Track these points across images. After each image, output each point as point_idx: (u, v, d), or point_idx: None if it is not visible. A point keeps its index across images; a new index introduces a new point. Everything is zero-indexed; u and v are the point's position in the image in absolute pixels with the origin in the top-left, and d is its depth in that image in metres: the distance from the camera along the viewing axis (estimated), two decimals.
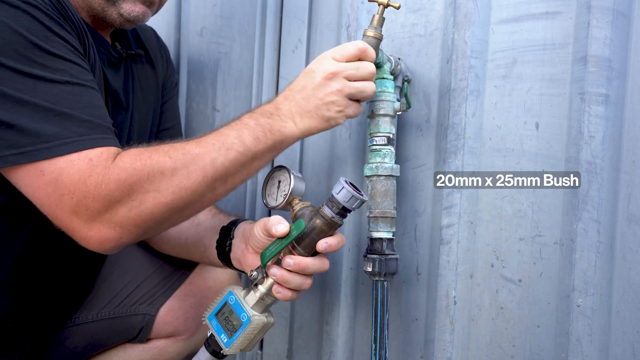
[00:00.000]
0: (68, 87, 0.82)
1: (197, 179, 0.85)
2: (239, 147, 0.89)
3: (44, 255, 1.01)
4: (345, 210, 0.94)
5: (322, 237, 0.94)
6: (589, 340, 0.96)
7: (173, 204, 0.84)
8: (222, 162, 0.87)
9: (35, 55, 0.81)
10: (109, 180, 0.80)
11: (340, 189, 0.93)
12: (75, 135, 0.80)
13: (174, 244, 1.20)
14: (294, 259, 0.94)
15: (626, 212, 0.97)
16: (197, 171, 0.85)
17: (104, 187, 0.79)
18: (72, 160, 0.79)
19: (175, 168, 0.84)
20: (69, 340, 1.17)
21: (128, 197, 0.81)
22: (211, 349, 0.98)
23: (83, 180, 0.79)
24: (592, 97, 0.95)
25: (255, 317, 0.94)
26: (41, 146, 0.79)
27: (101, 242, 0.83)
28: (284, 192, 0.99)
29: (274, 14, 1.36)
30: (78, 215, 0.80)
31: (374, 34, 0.99)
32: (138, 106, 1.17)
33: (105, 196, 0.80)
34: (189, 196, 0.86)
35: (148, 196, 0.82)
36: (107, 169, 0.80)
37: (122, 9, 1.01)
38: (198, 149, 0.87)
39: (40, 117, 0.80)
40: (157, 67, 1.28)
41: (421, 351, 1.13)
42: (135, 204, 0.81)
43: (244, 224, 1.08)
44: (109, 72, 1.07)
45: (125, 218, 0.82)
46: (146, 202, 0.82)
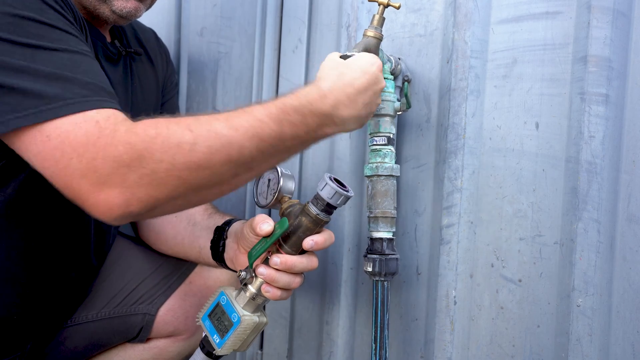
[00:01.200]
0: (67, 54, 0.80)
1: (220, 161, 0.78)
2: (273, 140, 0.81)
3: (48, 247, 1.01)
4: (330, 207, 0.92)
5: (309, 234, 0.93)
6: (589, 340, 0.96)
7: (189, 180, 0.78)
8: (250, 152, 0.80)
9: (30, 27, 0.79)
10: (118, 142, 0.75)
11: (324, 186, 0.91)
12: (78, 97, 0.77)
13: (171, 244, 1.20)
14: (280, 257, 0.92)
15: (626, 212, 0.97)
16: (220, 153, 0.78)
17: (112, 149, 0.74)
18: (77, 123, 0.75)
19: (195, 144, 0.76)
20: (69, 340, 1.17)
21: (138, 163, 0.75)
22: (205, 350, 0.97)
23: (92, 142, 0.75)
24: (592, 97, 0.95)
25: (246, 317, 0.93)
26: (44, 107, 0.76)
27: (110, 208, 0.76)
28: (274, 191, 0.98)
29: (274, 14, 1.36)
30: (87, 178, 0.75)
31: (374, 34, 0.99)
32: (138, 104, 1.17)
33: (115, 158, 0.74)
34: (207, 177, 0.79)
35: (161, 166, 0.76)
36: (116, 132, 0.75)
37: (114, 6, 1.00)
38: (227, 130, 0.78)
39: (42, 81, 0.77)
40: (156, 66, 1.28)
41: (421, 351, 1.13)
42: (146, 171, 0.75)
43: (237, 223, 1.08)
44: (108, 67, 1.06)
45: (135, 184, 0.75)
46: (159, 172, 0.76)
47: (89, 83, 0.79)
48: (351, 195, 0.92)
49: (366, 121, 0.94)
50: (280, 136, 0.82)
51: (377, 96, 0.93)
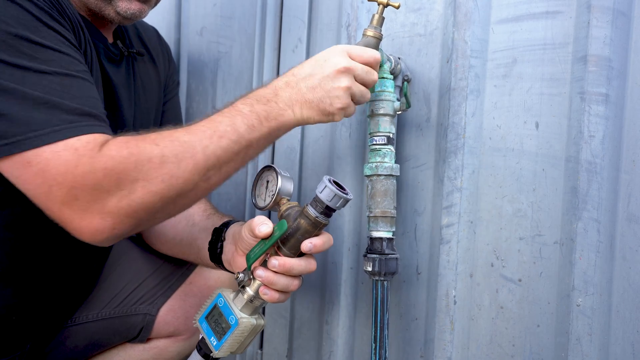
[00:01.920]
0: (57, 77, 0.81)
1: (188, 167, 0.82)
2: (231, 134, 0.86)
3: (45, 248, 1.01)
4: (330, 210, 0.91)
5: (307, 237, 0.92)
6: (588, 340, 0.96)
7: (164, 192, 0.81)
8: (213, 150, 0.84)
9: (23, 46, 0.80)
10: (96, 169, 0.78)
11: (323, 188, 0.91)
12: (64, 123, 0.79)
13: (171, 244, 1.20)
14: (279, 259, 0.92)
15: (626, 212, 0.97)
16: (187, 159, 0.82)
17: (91, 177, 0.77)
18: (57, 151, 0.77)
19: (163, 155, 0.81)
20: (69, 339, 1.17)
21: (117, 186, 0.78)
22: (203, 352, 0.97)
23: (70, 170, 0.77)
24: (592, 97, 0.95)
25: (244, 320, 0.93)
26: (31, 135, 0.77)
27: (94, 233, 0.80)
28: (272, 192, 0.98)
29: (274, 13, 1.36)
30: (69, 206, 0.78)
31: (373, 33, 0.99)
32: (140, 104, 1.17)
33: (94, 186, 0.77)
34: (181, 185, 0.83)
35: (137, 185, 0.79)
36: (94, 158, 0.78)
37: (119, 7, 1.00)
38: (187, 136, 0.84)
39: (30, 106, 0.78)
40: (158, 65, 1.28)
41: (421, 351, 1.13)
42: (125, 192, 0.79)
43: (235, 225, 1.08)
44: (110, 68, 1.06)
45: (116, 208, 0.79)
46: (136, 191, 0.79)
47: (76, 108, 0.81)
48: (350, 198, 0.92)
49: (327, 107, 0.92)
50: (235, 129, 0.86)
51: (329, 78, 0.91)
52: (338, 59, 0.92)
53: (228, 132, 0.85)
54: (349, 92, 0.92)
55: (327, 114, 0.93)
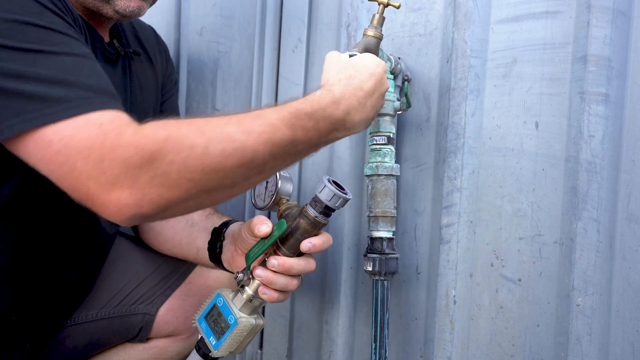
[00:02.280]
0: (69, 57, 0.79)
1: (232, 165, 0.77)
2: (286, 145, 0.81)
3: (45, 247, 1.01)
4: (329, 210, 0.91)
5: (307, 237, 0.92)
6: (588, 340, 0.96)
7: (201, 183, 0.76)
8: (263, 156, 0.79)
9: (31, 32, 0.78)
10: (127, 144, 0.73)
11: (323, 188, 0.91)
12: (81, 99, 0.75)
13: (170, 244, 1.20)
14: (278, 259, 0.92)
15: (626, 212, 0.97)
16: (233, 157, 0.76)
17: (121, 151, 0.72)
18: (79, 127, 0.74)
19: (207, 147, 0.75)
20: (68, 339, 1.17)
21: (149, 164, 0.73)
22: (202, 352, 0.97)
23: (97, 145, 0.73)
24: (592, 97, 0.95)
25: (243, 319, 0.93)
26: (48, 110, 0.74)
27: (120, 209, 0.75)
28: (271, 193, 0.98)
29: (274, 13, 1.36)
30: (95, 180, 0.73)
31: (374, 33, 0.99)
32: (137, 104, 1.17)
33: (124, 160, 0.72)
34: (220, 179, 0.77)
35: (173, 168, 0.74)
36: (122, 135, 0.74)
37: (117, 6, 0.99)
38: (240, 134, 0.77)
39: (44, 85, 0.75)
40: (156, 65, 1.27)
41: (421, 350, 1.13)
42: (158, 173, 0.73)
43: (235, 225, 1.08)
44: (106, 68, 1.05)
45: (147, 185, 0.74)
46: (171, 174, 0.74)
47: (92, 86, 0.78)
48: (349, 198, 0.92)
49: (371, 122, 0.94)
50: (293, 141, 0.81)
51: (383, 98, 0.94)
52: (386, 78, 0.93)
53: (284, 142, 0.80)
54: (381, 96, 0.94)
55: (368, 126, 0.95)
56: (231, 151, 0.76)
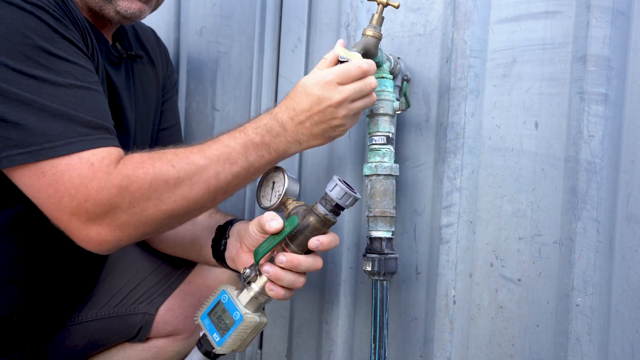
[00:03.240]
0: (71, 90, 0.83)
1: (200, 190, 0.87)
2: (243, 162, 0.91)
3: (49, 248, 1.01)
4: (339, 208, 0.94)
5: (315, 234, 0.94)
6: (588, 340, 0.96)
7: (174, 212, 0.86)
8: (225, 176, 0.89)
9: (40, 57, 0.81)
10: (111, 186, 0.80)
11: (334, 187, 0.93)
12: (79, 136, 0.81)
13: (171, 243, 1.20)
14: (287, 255, 0.94)
15: (625, 212, 0.97)
16: (200, 183, 0.86)
17: (105, 193, 0.80)
18: (72, 164, 0.80)
19: (178, 178, 0.85)
20: (68, 339, 1.17)
21: (129, 203, 0.81)
22: (204, 349, 0.97)
23: (85, 184, 0.80)
24: (592, 97, 0.95)
25: (248, 316, 0.93)
26: (47, 145, 0.80)
27: (99, 243, 0.84)
28: (278, 193, 1.00)
29: (274, 13, 1.36)
30: (78, 217, 0.81)
31: (373, 33, 0.99)
32: (139, 106, 1.18)
33: (107, 201, 0.80)
34: (191, 205, 0.87)
35: (150, 203, 0.83)
36: (109, 175, 0.81)
37: (119, 7, 1.01)
38: (203, 160, 0.87)
39: (46, 118, 0.80)
40: (157, 67, 1.28)
41: (420, 350, 1.13)
42: (137, 210, 0.82)
43: (240, 223, 1.09)
44: (111, 71, 1.07)
45: (125, 223, 0.82)
46: (147, 209, 0.83)
47: (91, 121, 0.83)
48: (359, 197, 0.95)
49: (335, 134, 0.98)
50: (247, 157, 0.91)
51: (330, 112, 0.95)
52: (331, 94, 0.94)
53: (240, 159, 0.90)
54: (347, 117, 0.96)
55: (332, 138, 0.99)
56: (198, 178, 0.86)
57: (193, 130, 1.51)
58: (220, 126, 1.46)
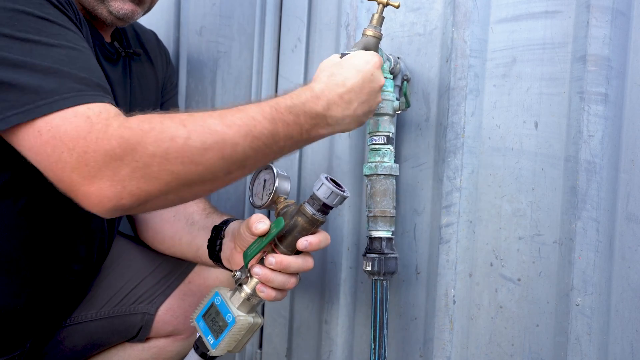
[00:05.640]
0: (64, 49, 0.81)
1: (212, 158, 0.79)
2: (267, 139, 0.82)
3: (50, 239, 1.01)
4: (327, 207, 0.92)
5: (304, 234, 0.92)
6: (588, 339, 0.96)
7: (181, 175, 0.78)
8: (243, 149, 0.81)
9: (30, 21, 0.80)
10: (111, 137, 0.75)
11: (320, 186, 0.91)
12: (73, 91, 0.78)
13: (169, 243, 1.20)
14: (276, 257, 0.92)
15: (625, 211, 0.97)
16: (214, 150, 0.78)
17: (105, 143, 0.75)
18: (67, 117, 0.76)
19: (189, 138, 0.77)
20: (68, 339, 1.17)
21: (131, 156, 0.75)
22: (200, 351, 0.97)
23: (83, 136, 0.75)
24: (592, 96, 0.95)
25: (241, 318, 0.93)
26: (41, 102, 0.77)
27: (101, 200, 0.77)
28: (269, 191, 0.98)
29: (274, 13, 1.36)
30: (78, 171, 0.76)
31: (373, 33, 0.99)
32: (137, 103, 1.18)
33: (107, 151, 0.75)
34: (200, 172, 0.79)
35: (154, 160, 0.76)
36: (108, 126, 0.76)
37: (111, 7, 1.02)
38: (221, 126, 0.79)
39: (39, 76, 0.78)
40: (156, 67, 1.28)
41: (420, 350, 1.13)
42: (139, 165, 0.76)
43: (235, 223, 1.08)
44: (107, 66, 1.07)
45: (128, 177, 0.76)
46: (151, 166, 0.76)
47: (85, 78, 0.80)
48: (347, 195, 0.92)
49: (366, 120, 0.95)
50: (273, 135, 0.83)
51: (375, 94, 0.93)
52: (380, 75, 0.93)
53: (265, 135, 0.82)
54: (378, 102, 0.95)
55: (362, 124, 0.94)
56: (211, 143, 0.78)
57: None
58: None
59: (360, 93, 0.90)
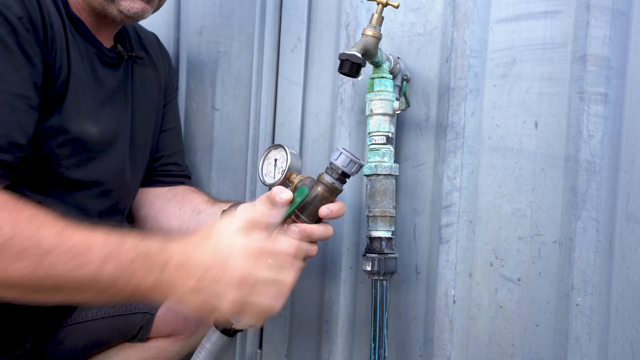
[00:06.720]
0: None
1: (23, 268, 0.72)
2: (91, 272, 0.74)
3: None
4: (345, 176, 0.97)
5: (324, 203, 0.97)
6: (588, 339, 0.96)
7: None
8: (60, 272, 0.73)
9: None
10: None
11: (339, 155, 0.96)
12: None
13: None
14: (299, 226, 0.96)
15: (625, 211, 0.97)
16: (29, 260, 0.72)
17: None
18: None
19: (10, 239, 0.71)
20: (68, 339, 1.17)
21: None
22: (221, 328, 0.98)
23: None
24: (591, 96, 0.95)
25: None
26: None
27: None
28: (282, 169, 1.02)
29: (273, 13, 1.36)
30: None
31: (372, 33, 0.99)
32: (140, 106, 1.19)
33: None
34: (5, 280, 0.72)
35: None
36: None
37: (122, 6, 1.02)
38: (52, 240, 0.73)
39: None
40: (159, 69, 1.29)
41: (420, 350, 1.13)
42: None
43: (245, 204, 1.10)
44: (105, 72, 1.08)
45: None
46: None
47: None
48: (364, 163, 0.98)
49: (209, 313, 0.83)
50: (99, 272, 0.75)
51: (223, 285, 0.79)
52: (246, 266, 0.80)
53: (90, 266, 0.74)
54: (239, 305, 0.81)
55: (202, 316, 0.86)
56: (28, 254, 0.72)
57: (193, 129, 1.51)
58: (219, 126, 1.46)
59: (205, 273, 0.79)
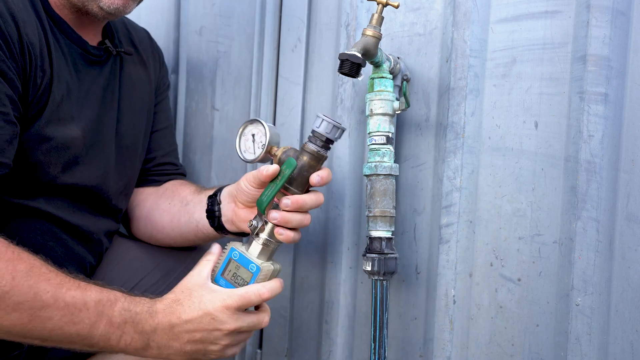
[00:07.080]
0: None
1: (16, 321, 0.81)
2: (83, 330, 0.85)
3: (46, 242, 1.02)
4: (329, 142, 0.97)
5: (312, 172, 0.96)
6: (588, 339, 0.96)
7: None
8: (54, 327, 0.83)
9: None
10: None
11: (321, 122, 0.96)
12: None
13: (169, 229, 1.20)
14: (290, 198, 0.96)
15: (625, 211, 0.97)
16: (24, 313, 0.80)
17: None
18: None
19: (9, 291, 0.79)
20: None
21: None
22: None
23: None
24: (591, 96, 0.95)
25: (264, 265, 0.96)
26: None
27: None
28: (262, 143, 1.00)
29: (273, 12, 1.36)
30: None
31: (372, 33, 0.99)
32: (128, 104, 1.17)
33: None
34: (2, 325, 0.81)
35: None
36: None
37: (102, 2, 0.99)
38: (50, 294, 0.82)
39: None
40: (149, 67, 1.27)
41: (420, 350, 1.13)
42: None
43: (228, 187, 1.10)
44: (89, 72, 1.07)
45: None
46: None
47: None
48: (345, 128, 0.98)
49: (202, 357, 0.94)
50: (91, 330, 0.85)
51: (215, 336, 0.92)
52: (224, 318, 0.91)
53: (82, 324, 0.84)
54: (228, 346, 0.93)
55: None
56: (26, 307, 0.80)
57: (192, 129, 1.51)
58: (219, 125, 1.46)
59: (193, 330, 0.90)
